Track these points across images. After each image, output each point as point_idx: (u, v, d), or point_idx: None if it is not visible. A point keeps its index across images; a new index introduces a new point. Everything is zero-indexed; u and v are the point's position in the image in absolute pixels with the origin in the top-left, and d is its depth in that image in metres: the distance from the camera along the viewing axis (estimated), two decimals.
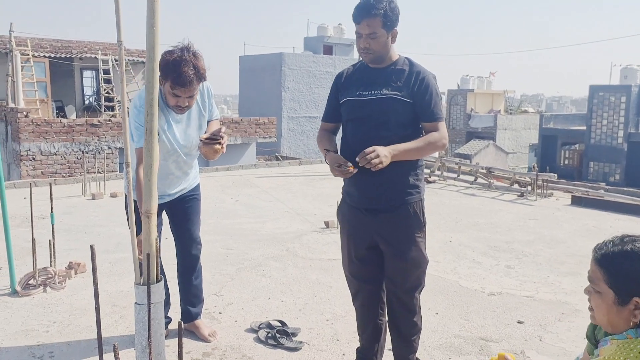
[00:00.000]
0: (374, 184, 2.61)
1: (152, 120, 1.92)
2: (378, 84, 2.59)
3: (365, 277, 2.82)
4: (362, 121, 2.62)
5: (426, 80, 2.58)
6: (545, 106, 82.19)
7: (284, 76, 26.07)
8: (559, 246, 5.81)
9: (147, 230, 2.08)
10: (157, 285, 2.19)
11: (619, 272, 1.48)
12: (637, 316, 1.45)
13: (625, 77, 30.04)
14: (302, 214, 7.16)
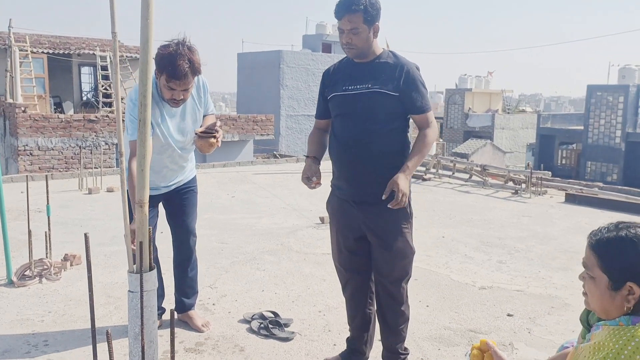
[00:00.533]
0: (363, 178, 2.67)
1: (145, 111, 1.96)
2: (363, 78, 2.63)
3: (354, 267, 2.87)
4: (350, 116, 2.67)
5: (411, 73, 2.63)
6: (544, 106, 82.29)
7: (283, 74, 26.06)
8: (551, 242, 5.87)
9: (140, 219, 2.12)
10: (150, 273, 2.24)
11: (613, 257, 1.50)
12: (630, 301, 1.47)
13: (623, 77, 30.07)
14: (298, 210, 7.21)
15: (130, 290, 2.35)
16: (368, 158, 2.65)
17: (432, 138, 2.68)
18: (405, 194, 2.55)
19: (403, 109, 2.66)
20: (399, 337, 2.90)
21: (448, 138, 34.77)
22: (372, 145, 2.64)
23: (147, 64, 1.94)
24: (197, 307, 3.63)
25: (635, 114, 28.57)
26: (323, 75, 2.84)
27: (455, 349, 3.31)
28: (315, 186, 2.75)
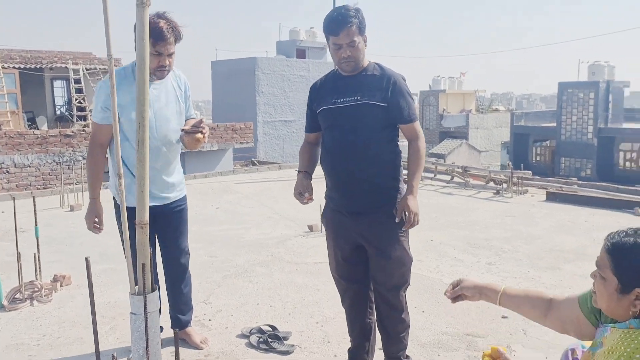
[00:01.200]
0: (356, 188, 2.71)
1: (143, 132, 1.95)
2: (352, 90, 2.68)
3: (352, 277, 2.90)
4: (340, 128, 2.71)
5: (398, 84, 2.68)
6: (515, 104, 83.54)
7: (258, 81, 26.05)
8: (536, 242, 5.97)
9: (141, 240, 2.11)
10: (153, 294, 2.23)
11: (626, 262, 1.53)
12: (636, 306, 1.51)
13: (593, 74, 30.73)
14: (285, 219, 7.20)
15: (132, 313, 2.33)
16: (359, 168, 2.69)
17: (424, 150, 2.77)
18: (417, 214, 2.66)
19: (392, 119, 2.71)
20: (400, 345, 2.93)
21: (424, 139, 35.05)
22: (362, 156, 2.68)
23: (144, 83, 1.93)
24: (193, 324, 3.60)
25: (605, 109, 29.20)
26: (310, 89, 2.89)
27: (455, 353, 3.35)
28: (308, 202, 2.79)
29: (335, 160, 2.74)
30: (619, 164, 29.45)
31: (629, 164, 29.34)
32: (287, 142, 27.03)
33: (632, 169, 29.00)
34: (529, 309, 2.01)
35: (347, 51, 2.60)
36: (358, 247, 2.81)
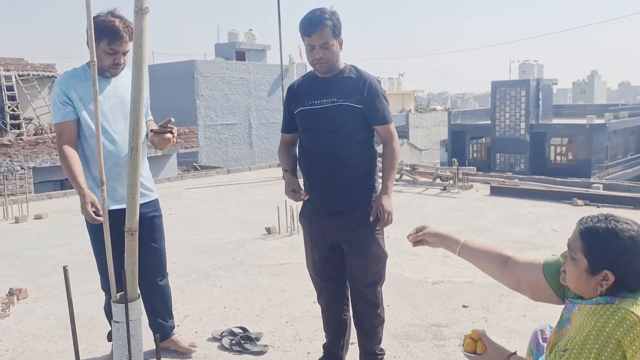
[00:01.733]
0: (333, 188, 2.78)
1: (137, 139, 1.95)
2: (328, 92, 2.74)
3: (328, 276, 2.97)
4: (316, 129, 2.78)
5: (374, 86, 2.77)
6: (451, 103, 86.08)
7: (197, 84, 25.68)
8: (486, 234, 6.24)
9: (130, 248, 2.11)
10: (137, 302, 2.23)
11: (597, 245, 1.64)
12: (603, 286, 1.64)
13: (523, 72, 32.18)
14: (241, 222, 7.20)
15: (115, 320, 2.32)
16: (336, 169, 2.76)
17: (398, 151, 2.86)
18: (391, 213, 2.76)
19: (367, 120, 2.79)
20: (375, 339, 3.02)
21: None
22: (339, 156, 2.75)
23: (140, 91, 1.94)
24: None
25: (536, 106, 30.60)
26: (287, 90, 2.95)
27: (423, 343, 3.49)
28: (304, 198, 2.80)
29: (312, 161, 2.81)
30: (550, 158, 30.93)
31: (560, 157, 30.87)
32: (229, 145, 26.78)
33: (563, 162, 30.53)
34: (485, 262, 2.13)
35: (320, 52, 2.65)
36: (335, 247, 2.88)
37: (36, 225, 7.49)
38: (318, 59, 2.69)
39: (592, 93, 79.55)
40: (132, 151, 1.98)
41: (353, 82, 2.75)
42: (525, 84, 30.54)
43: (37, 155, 14.24)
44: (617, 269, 1.62)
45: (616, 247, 1.62)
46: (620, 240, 1.62)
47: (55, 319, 4.02)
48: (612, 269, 1.62)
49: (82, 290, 4.58)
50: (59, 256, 5.81)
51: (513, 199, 8.31)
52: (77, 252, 5.98)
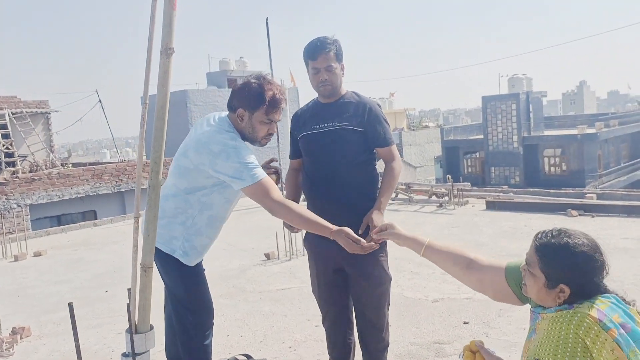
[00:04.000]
0: (336, 211, 2.80)
1: (156, 178, 2.02)
2: (330, 117, 2.83)
3: (333, 299, 3.00)
4: (320, 152, 2.85)
5: (374, 110, 2.86)
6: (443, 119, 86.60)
7: (190, 113, 25.82)
8: (483, 249, 6.29)
9: (144, 283, 2.16)
10: (152, 332, 2.28)
11: (552, 261, 1.71)
12: (560, 298, 1.71)
13: (513, 86, 32.53)
14: (240, 249, 7.24)
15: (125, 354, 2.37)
16: (339, 191, 2.81)
17: (398, 171, 2.90)
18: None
19: (369, 143, 2.86)
20: None
21: None
22: (342, 179, 2.81)
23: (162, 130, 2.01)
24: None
25: (527, 118, 30.86)
26: (292, 117, 3.05)
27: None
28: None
29: (315, 184, 2.88)
30: (544, 170, 31.10)
31: (553, 168, 31.04)
32: None
33: (557, 173, 30.69)
34: (449, 264, 2.20)
35: (325, 75, 2.76)
36: (339, 270, 2.91)
37: (36, 263, 7.50)
38: (322, 81, 2.78)
39: (581, 103, 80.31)
40: (150, 189, 2.05)
41: (354, 106, 2.84)
42: (515, 98, 30.84)
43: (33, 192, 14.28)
44: (572, 282, 1.68)
45: (570, 263, 1.69)
46: (573, 256, 1.69)
47: (60, 355, 4.04)
48: (568, 283, 1.69)
49: (85, 325, 4.60)
50: (60, 292, 5.83)
51: (509, 212, 8.38)
52: (78, 287, 6.00)
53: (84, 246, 8.49)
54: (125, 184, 16.92)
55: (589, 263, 1.69)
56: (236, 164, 2.43)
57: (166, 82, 2.08)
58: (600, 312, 1.61)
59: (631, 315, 1.65)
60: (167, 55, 2.13)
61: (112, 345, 4.20)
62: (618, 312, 1.63)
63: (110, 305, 5.22)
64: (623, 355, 1.56)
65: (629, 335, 1.59)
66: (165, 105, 2.03)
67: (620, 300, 1.70)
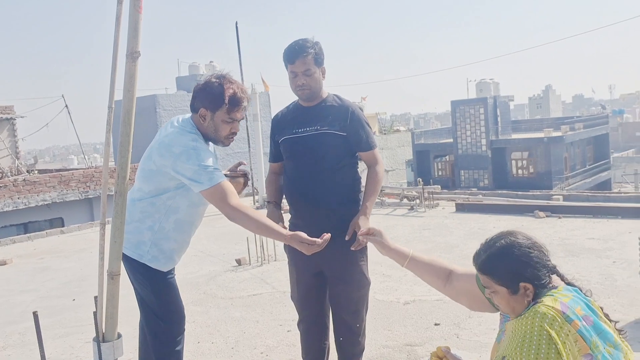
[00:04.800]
0: (318, 215, 2.81)
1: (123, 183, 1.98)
2: (312, 121, 2.80)
3: (311, 302, 3.00)
4: (301, 157, 2.83)
5: (356, 114, 2.84)
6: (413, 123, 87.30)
7: (160, 118, 25.54)
8: (454, 250, 6.37)
9: (111, 291, 2.13)
10: (119, 340, 2.24)
11: (498, 269, 1.78)
12: (529, 295, 1.76)
13: (480, 91, 33.01)
14: (210, 255, 7.17)
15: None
16: (321, 195, 2.80)
17: (381, 175, 2.89)
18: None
19: (351, 147, 2.85)
20: None
21: None
22: (324, 183, 2.80)
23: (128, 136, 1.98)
24: None
25: (495, 122, 31.38)
26: (272, 121, 3.02)
27: None
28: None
29: (297, 188, 2.86)
30: (512, 172, 31.64)
31: (521, 171, 31.61)
32: None
33: (524, 175, 31.26)
34: (431, 277, 2.25)
35: (303, 79, 2.73)
36: (319, 274, 2.92)
37: (1, 272, 7.30)
38: (300, 85, 2.75)
39: (547, 107, 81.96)
40: (117, 195, 2.01)
41: (336, 110, 2.81)
42: (483, 102, 31.31)
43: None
44: (529, 276, 1.75)
45: (514, 260, 1.76)
46: (512, 253, 1.77)
47: None
48: (524, 279, 1.75)
49: (52, 335, 4.49)
50: (26, 302, 5.69)
51: (478, 214, 8.50)
52: (45, 296, 5.87)
53: (50, 254, 8.30)
54: (93, 190, 16.63)
55: (530, 249, 1.77)
56: (195, 166, 2.40)
57: (132, 86, 2.05)
58: (564, 304, 1.66)
59: (593, 309, 1.70)
60: (133, 59, 2.11)
61: (80, 355, 4.11)
62: (580, 305, 1.68)
63: (77, 314, 5.12)
64: (586, 346, 1.61)
65: (591, 328, 1.64)
66: (131, 110, 2.00)
67: (581, 293, 1.76)
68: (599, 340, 1.64)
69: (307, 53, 2.71)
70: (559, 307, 1.65)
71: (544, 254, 1.78)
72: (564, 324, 1.62)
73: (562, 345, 1.60)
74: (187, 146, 2.44)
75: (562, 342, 1.60)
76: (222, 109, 2.54)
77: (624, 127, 58.86)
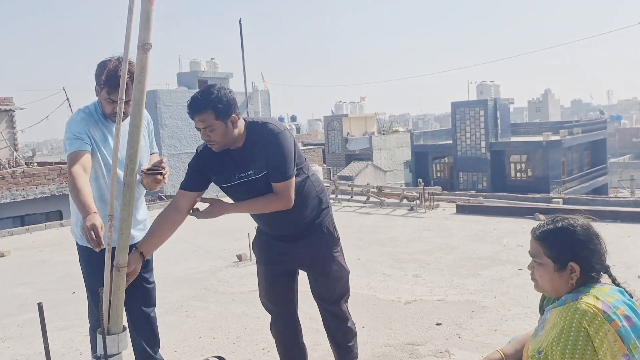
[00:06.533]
0: (286, 221, 2.79)
1: (132, 175, 1.97)
2: (245, 164, 2.66)
3: (281, 300, 3.01)
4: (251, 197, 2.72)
5: (272, 148, 2.62)
6: (412, 124, 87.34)
7: (160, 113, 25.51)
8: (455, 252, 6.36)
9: (117, 283, 2.11)
10: (123, 335, 2.22)
11: (555, 243, 1.82)
12: (573, 278, 1.80)
13: (481, 93, 33.08)
14: (211, 251, 7.16)
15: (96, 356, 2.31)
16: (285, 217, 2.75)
17: (274, 205, 2.67)
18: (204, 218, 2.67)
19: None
20: (351, 354, 3.06)
21: (331, 163, 35.81)
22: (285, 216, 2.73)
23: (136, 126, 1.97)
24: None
25: (495, 125, 31.38)
26: (201, 152, 2.76)
27: None
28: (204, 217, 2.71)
29: (263, 222, 2.89)
30: (511, 175, 31.66)
31: (519, 174, 31.63)
32: None
33: (522, 178, 31.28)
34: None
35: (206, 135, 2.57)
36: (289, 271, 2.95)
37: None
38: (206, 140, 2.62)
39: (546, 111, 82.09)
40: (125, 187, 2.00)
41: (259, 150, 2.64)
42: (483, 104, 31.32)
43: None
44: (579, 258, 1.79)
45: (572, 239, 1.81)
46: (573, 232, 1.82)
47: (24, 359, 3.92)
48: (575, 259, 1.79)
49: (51, 328, 4.45)
50: (24, 295, 5.67)
51: (478, 216, 8.50)
52: (44, 289, 5.85)
53: (49, 247, 8.27)
54: None
55: (589, 234, 1.81)
56: (65, 135, 2.71)
57: (143, 77, 2.04)
58: (606, 304, 1.69)
59: (636, 310, 1.72)
60: (145, 50, 2.09)
61: (80, 348, 4.09)
62: (624, 306, 1.70)
63: (77, 308, 5.09)
64: (623, 347, 1.63)
65: (631, 329, 1.66)
66: (141, 101, 1.99)
67: (627, 295, 1.78)
68: (639, 342, 1.65)
69: (205, 109, 2.51)
70: (600, 306, 1.67)
71: (603, 249, 1.82)
72: (603, 323, 1.64)
73: (599, 343, 1.63)
74: (67, 121, 2.76)
75: (600, 341, 1.63)
76: (104, 89, 2.70)
77: (621, 133, 59.00)
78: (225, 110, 2.54)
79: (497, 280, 5.15)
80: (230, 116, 2.57)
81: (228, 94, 2.57)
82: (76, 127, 2.69)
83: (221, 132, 2.56)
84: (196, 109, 2.53)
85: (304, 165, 2.83)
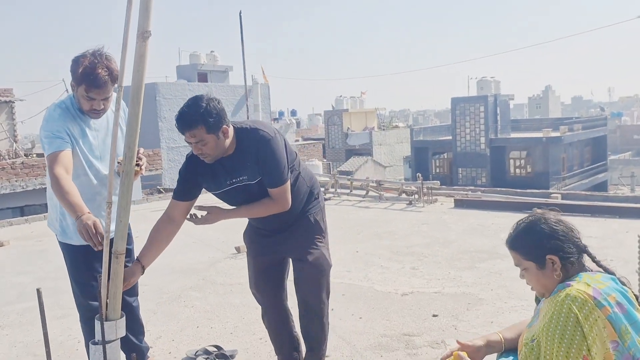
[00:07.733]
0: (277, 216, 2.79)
1: (130, 164, 1.99)
2: (237, 170, 2.66)
3: (270, 291, 3.04)
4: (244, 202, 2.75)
5: (263, 153, 2.62)
6: (412, 120, 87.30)
7: (159, 106, 25.49)
8: (452, 245, 6.38)
9: (115, 270, 2.13)
10: (119, 321, 2.25)
11: (525, 245, 1.87)
12: (557, 269, 1.82)
13: (481, 89, 33.05)
14: (210, 243, 7.18)
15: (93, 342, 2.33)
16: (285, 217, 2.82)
17: (272, 209, 2.71)
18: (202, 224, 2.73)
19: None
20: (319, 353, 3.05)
21: (331, 157, 35.84)
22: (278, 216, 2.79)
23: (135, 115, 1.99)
24: None
25: (495, 121, 31.40)
26: (190, 160, 2.73)
27: (396, 353, 3.56)
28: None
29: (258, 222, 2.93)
30: (510, 171, 31.71)
31: (519, 170, 31.67)
32: None
33: (522, 174, 31.32)
34: None
35: (198, 149, 2.54)
36: (278, 261, 2.98)
37: None
38: (199, 154, 2.58)
39: (547, 107, 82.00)
40: (124, 175, 2.02)
41: (251, 156, 2.63)
42: (483, 100, 31.33)
43: None
44: (552, 247, 1.82)
45: (538, 235, 1.85)
46: (536, 228, 1.86)
47: (23, 346, 3.95)
48: (549, 251, 1.82)
49: (50, 316, 4.44)
50: (23, 283, 5.69)
51: (476, 211, 8.52)
52: (43, 278, 5.87)
53: (48, 237, 8.28)
54: None
55: (551, 224, 1.84)
56: (42, 133, 2.65)
57: (142, 66, 2.04)
58: (597, 290, 1.71)
59: (629, 299, 1.74)
60: (144, 38, 2.10)
61: (78, 337, 4.11)
62: (615, 293, 1.72)
63: None
64: (614, 333, 1.65)
65: (623, 316, 1.67)
66: (140, 89, 2.00)
67: (619, 282, 1.80)
68: (631, 329, 1.67)
69: (195, 125, 2.46)
70: (590, 292, 1.70)
71: (572, 231, 1.85)
72: (593, 309, 1.66)
73: (588, 329, 1.65)
74: (44, 117, 2.70)
75: (590, 327, 1.65)
76: (81, 86, 2.65)
77: (622, 130, 59.01)
78: (216, 123, 2.50)
79: (495, 273, 5.17)
80: (222, 128, 2.53)
81: (217, 105, 2.53)
82: (54, 125, 2.63)
83: (213, 145, 2.53)
84: (186, 125, 2.47)
85: (295, 162, 2.85)
